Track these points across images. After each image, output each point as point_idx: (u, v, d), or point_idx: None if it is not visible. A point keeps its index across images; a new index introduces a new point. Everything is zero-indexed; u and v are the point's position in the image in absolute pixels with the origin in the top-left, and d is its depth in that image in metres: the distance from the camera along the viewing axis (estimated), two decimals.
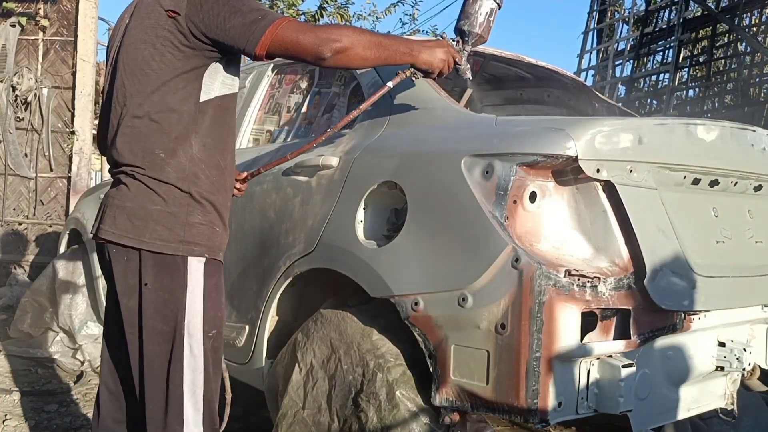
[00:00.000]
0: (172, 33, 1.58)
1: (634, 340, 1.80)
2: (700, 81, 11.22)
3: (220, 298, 1.70)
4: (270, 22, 1.55)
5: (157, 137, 1.60)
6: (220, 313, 1.69)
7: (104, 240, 1.65)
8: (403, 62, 1.77)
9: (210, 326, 1.65)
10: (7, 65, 6.36)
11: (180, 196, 1.61)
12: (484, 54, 2.97)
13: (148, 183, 1.60)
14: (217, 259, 1.68)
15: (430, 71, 1.82)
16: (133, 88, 1.62)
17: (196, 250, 1.62)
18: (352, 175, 2.19)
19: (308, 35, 1.55)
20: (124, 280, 1.64)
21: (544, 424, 1.69)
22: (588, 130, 1.78)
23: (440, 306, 1.84)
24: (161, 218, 1.59)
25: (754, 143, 2.15)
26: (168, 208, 1.60)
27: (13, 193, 6.57)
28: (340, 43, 1.56)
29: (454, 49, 1.84)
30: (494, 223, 1.78)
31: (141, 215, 1.60)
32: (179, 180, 1.61)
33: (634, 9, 11.69)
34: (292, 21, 1.58)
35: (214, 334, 1.67)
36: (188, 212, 1.61)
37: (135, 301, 1.62)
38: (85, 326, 4.11)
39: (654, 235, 1.84)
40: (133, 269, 1.61)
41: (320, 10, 9.17)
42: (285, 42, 1.55)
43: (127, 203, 1.62)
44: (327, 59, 1.57)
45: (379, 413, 1.92)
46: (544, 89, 3.32)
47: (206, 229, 1.64)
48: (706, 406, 2.10)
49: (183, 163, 1.61)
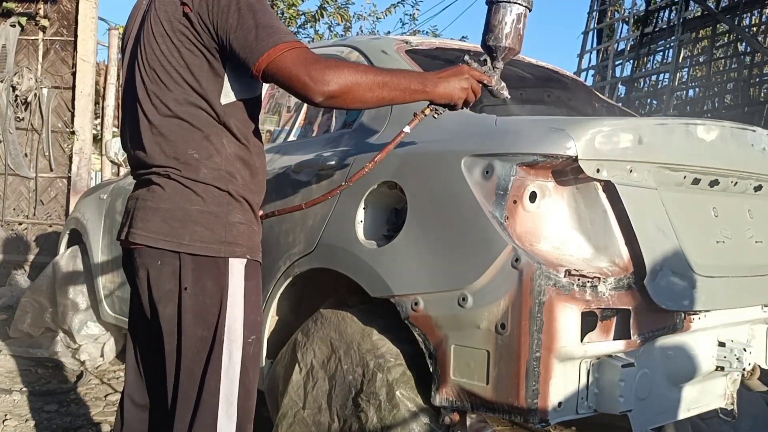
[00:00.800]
0: (187, 28, 1.50)
1: (634, 340, 1.80)
2: (700, 81, 11.23)
3: (259, 301, 1.62)
4: (274, 43, 1.42)
5: (188, 136, 1.52)
6: (259, 318, 1.61)
7: (138, 244, 1.55)
8: (416, 100, 1.61)
9: (250, 331, 1.56)
10: (7, 65, 6.36)
11: (219, 195, 1.53)
12: None
13: (185, 183, 1.52)
14: (256, 260, 1.61)
15: (453, 104, 1.66)
16: (154, 85, 1.54)
17: (238, 251, 1.55)
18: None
19: (302, 71, 1.41)
20: (159, 286, 1.54)
21: (544, 424, 1.69)
22: (588, 130, 1.78)
23: (440, 306, 1.84)
24: (201, 219, 1.51)
25: (754, 143, 2.15)
26: (207, 207, 1.52)
27: (13, 193, 6.57)
28: (335, 86, 1.43)
29: (479, 71, 1.67)
30: (494, 223, 1.78)
31: (179, 216, 1.51)
32: (216, 179, 1.53)
33: (634, 9, 11.70)
34: (297, 49, 1.43)
35: (254, 339, 1.58)
36: (228, 211, 1.54)
37: (173, 307, 1.53)
38: (85, 326, 4.11)
39: (654, 235, 1.84)
40: (170, 274, 1.52)
41: (320, 10, 9.17)
42: (280, 71, 1.43)
43: (162, 204, 1.53)
44: (318, 103, 1.46)
45: (379, 413, 1.92)
46: (544, 89, 3.32)
47: (246, 228, 1.57)
48: (706, 406, 2.10)
49: (218, 162, 1.53)
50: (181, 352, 1.53)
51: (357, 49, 2.60)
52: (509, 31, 1.65)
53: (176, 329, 1.54)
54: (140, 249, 1.56)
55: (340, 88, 1.44)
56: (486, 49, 1.69)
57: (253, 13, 1.45)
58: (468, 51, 1.93)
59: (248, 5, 1.46)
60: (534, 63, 3.12)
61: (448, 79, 1.62)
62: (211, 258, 1.52)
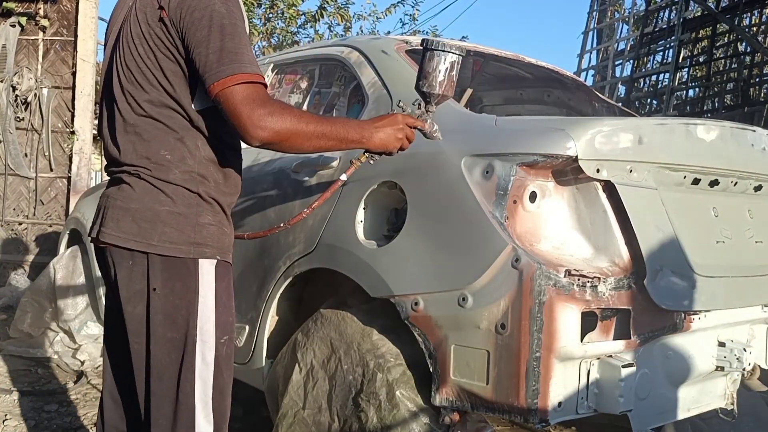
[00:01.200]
0: (163, 32, 1.50)
1: (634, 340, 1.80)
2: (700, 81, 11.24)
3: (231, 302, 1.62)
4: (231, 72, 1.42)
5: (162, 137, 1.53)
6: (231, 318, 1.62)
7: (107, 244, 1.57)
8: (354, 149, 1.67)
9: (222, 332, 1.57)
10: (7, 65, 6.36)
11: (189, 196, 1.54)
12: (484, 54, 2.97)
13: (155, 183, 1.53)
14: (227, 261, 1.61)
15: (387, 152, 1.70)
16: (131, 85, 1.55)
17: (208, 252, 1.55)
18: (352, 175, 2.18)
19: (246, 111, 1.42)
20: (128, 286, 1.55)
21: (544, 424, 1.69)
22: (588, 130, 1.78)
23: (440, 306, 1.84)
24: (170, 220, 1.52)
25: (754, 143, 2.15)
26: (177, 208, 1.53)
27: (13, 193, 6.57)
28: (271, 134, 1.44)
29: (413, 117, 1.71)
30: (494, 223, 1.78)
31: (148, 217, 1.52)
32: (187, 181, 1.54)
33: (634, 9, 11.70)
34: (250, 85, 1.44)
35: (227, 340, 1.58)
36: (198, 212, 1.54)
37: (142, 308, 1.53)
38: (85, 326, 4.11)
39: (654, 235, 1.84)
40: (140, 274, 1.53)
41: (320, 10, 9.17)
42: (227, 103, 1.43)
43: (131, 204, 1.54)
44: (254, 146, 1.47)
45: (379, 413, 1.92)
46: (544, 89, 3.33)
47: (216, 229, 1.58)
48: (706, 406, 2.10)
49: (190, 164, 1.54)
50: (150, 353, 1.54)
51: (357, 49, 2.60)
52: (443, 79, 1.69)
53: (145, 330, 1.54)
54: (111, 248, 1.57)
55: (277, 136, 1.45)
56: (420, 94, 1.73)
57: (222, 34, 1.45)
58: (468, 51, 1.93)
59: (220, 25, 1.45)
60: (534, 63, 3.12)
61: (384, 128, 1.66)
62: (180, 259, 1.52)
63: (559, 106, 3.29)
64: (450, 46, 1.70)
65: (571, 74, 3.38)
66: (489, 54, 2.97)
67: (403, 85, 2.32)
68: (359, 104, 2.51)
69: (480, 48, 2.96)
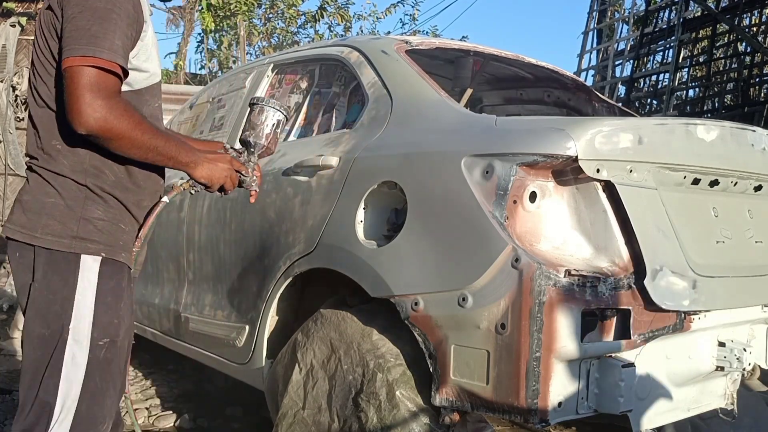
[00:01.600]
0: (50, 18, 1.49)
1: (634, 340, 1.80)
2: (700, 81, 11.24)
3: (119, 304, 1.55)
4: (85, 53, 1.38)
5: (56, 128, 1.50)
6: (116, 320, 1.54)
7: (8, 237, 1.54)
8: (180, 170, 1.63)
9: (101, 334, 1.50)
10: (7, 65, 6.37)
11: (76, 189, 1.50)
12: (484, 54, 2.97)
13: (44, 175, 1.51)
14: (117, 260, 1.54)
15: (209, 186, 1.66)
16: (35, 78, 1.53)
17: (92, 248, 1.50)
18: (352, 175, 2.19)
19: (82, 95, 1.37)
20: (17, 278, 1.52)
21: (544, 424, 1.69)
22: (588, 130, 1.78)
23: (440, 306, 1.84)
24: (54, 211, 1.49)
25: (754, 143, 2.15)
26: (63, 201, 1.49)
27: (13, 193, 6.58)
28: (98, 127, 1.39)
29: (239, 162, 1.71)
30: (494, 223, 1.78)
31: (35, 208, 1.49)
32: (74, 172, 1.50)
33: (634, 9, 11.71)
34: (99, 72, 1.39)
35: (107, 343, 1.51)
36: (85, 206, 1.50)
37: (25, 302, 1.50)
38: None
39: (654, 235, 1.84)
40: (26, 267, 1.50)
41: (320, 10, 9.19)
42: (69, 81, 1.38)
43: (23, 196, 1.53)
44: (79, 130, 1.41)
45: (379, 413, 1.92)
46: (544, 89, 3.33)
47: (107, 225, 1.53)
48: (706, 406, 2.10)
49: (81, 154, 1.50)
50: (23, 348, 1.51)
51: (357, 49, 2.60)
52: (269, 132, 1.75)
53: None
54: (9, 241, 1.55)
55: (107, 133, 1.41)
56: (244, 144, 1.76)
57: (92, 16, 1.42)
58: (470, 51, 1.93)
59: (93, 8, 1.43)
60: (534, 63, 3.12)
61: (214, 162, 1.65)
62: (61, 253, 1.49)
63: (559, 106, 3.30)
64: (279, 105, 1.76)
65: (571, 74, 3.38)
66: (489, 54, 2.97)
67: (402, 85, 2.32)
68: (359, 104, 2.51)
69: (480, 48, 2.96)
